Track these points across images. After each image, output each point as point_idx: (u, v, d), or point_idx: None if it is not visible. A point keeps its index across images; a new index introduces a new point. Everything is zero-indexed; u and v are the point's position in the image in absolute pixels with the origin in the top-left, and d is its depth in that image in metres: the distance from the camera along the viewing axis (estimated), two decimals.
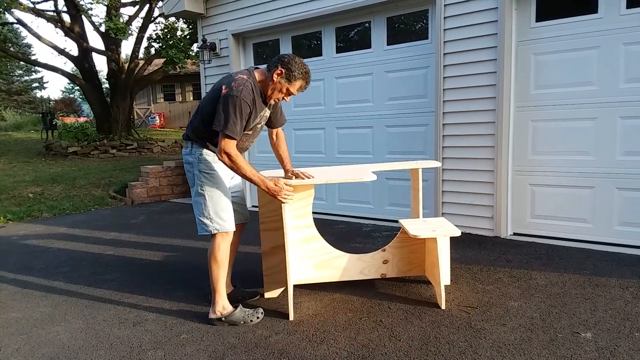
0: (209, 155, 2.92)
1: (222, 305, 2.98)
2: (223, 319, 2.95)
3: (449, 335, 2.71)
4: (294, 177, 3.10)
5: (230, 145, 2.74)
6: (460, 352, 2.51)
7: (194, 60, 12.49)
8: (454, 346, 2.57)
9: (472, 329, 2.77)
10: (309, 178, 3.06)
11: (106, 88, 15.90)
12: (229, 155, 2.74)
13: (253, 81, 2.82)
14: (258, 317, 2.99)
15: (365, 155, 5.86)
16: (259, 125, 3.03)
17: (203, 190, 2.91)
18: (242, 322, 2.95)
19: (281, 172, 3.31)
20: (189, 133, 2.97)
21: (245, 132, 2.91)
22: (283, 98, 2.92)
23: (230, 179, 3.08)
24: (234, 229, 3.00)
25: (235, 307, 3.01)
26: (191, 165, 2.95)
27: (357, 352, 2.56)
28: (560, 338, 2.62)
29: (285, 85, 2.83)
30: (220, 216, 2.91)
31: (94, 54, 13.61)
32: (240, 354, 2.59)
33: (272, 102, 2.95)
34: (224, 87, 2.75)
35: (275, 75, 2.80)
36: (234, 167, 2.78)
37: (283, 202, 2.90)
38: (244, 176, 2.81)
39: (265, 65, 2.94)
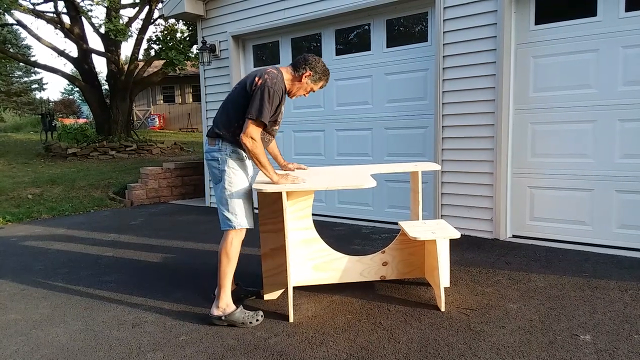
0: (239, 152, 3.06)
1: (226, 302, 3.02)
2: (223, 317, 2.97)
3: (448, 337, 2.71)
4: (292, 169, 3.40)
5: (257, 131, 2.90)
6: (460, 354, 2.51)
7: (193, 62, 12.48)
8: (453, 348, 2.58)
9: (472, 331, 2.78)
10: (304, 169, 3.29)
11: (106, 89, 15.92)
12: (253, 140, 2.89)
13: (282, 77, 3.02)
14: (257, 320, 3.00)
15: (365, 157, 5.86)
16: (280, 120, 3.21)
17: (230, 186, 3.03)
18: (241, 323, 2.96)
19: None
20: (218, 130, 3.05)
21: (274, 127, 3.13)
22: (304, 94, 3.19)
23: (249, 177, 3.19)
24: (252, 226, 3.11)
25: (237, 306, 3.03)
26: (218, 162, 3.05)
27: (356, 354, 2.56)
28: (559, 340, 2.62)
29: (311, 85, 3.12)
30: (242, 213, 3.04)
31: (93, 56, 13.63)
32: (239, 355, 2.59)
33: (293, 97, 3.20)
34: (257, 78, 2.93)
35: (304, 77, 3.07)
36: (254, 150, 2.91)
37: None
38: (259, 162, 2.95)
39: (285, 66, 3.16)
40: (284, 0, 6.13)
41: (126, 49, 73.59)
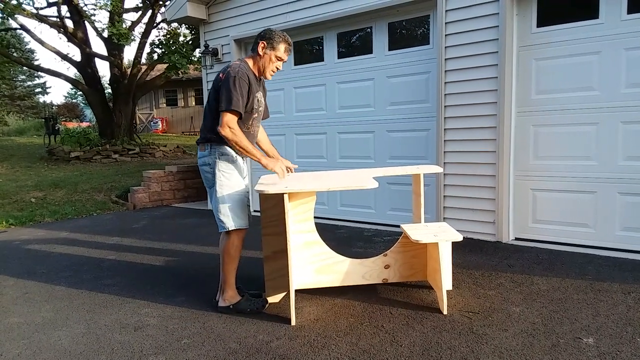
0: (228, 154, 3.12)
1: (231, 294, 3.20)
2: (231, 306, 3.17)
3: (451, 340, 2.70)
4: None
5: (232, 120, 2.97)
6: (462, 357, 2.50)
7: (196, 66, 12.53)
8: (455, 352, 2.57)
9: (474, 334, 2.77)
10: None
11: (109, 93, 15.97)
12: (231, 129, 2.96)
13: (245, 65, 3.11)
14: (263, 306, 3.19)
15: (367, 160, 5.86)
16: (261, 109, 3.25)
17: (222, 189, 3.11)
18: (248, 309, 3.16)
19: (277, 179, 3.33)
20: (205, 135, 3.14)
21: (253, 115, 3.16)
22: (277, 68, 3.18)
23: (243, 178, 3.25)
24: (248, 226, 3.19)
25: (242, 296, 3.22)
26: (210, 166, 3.14)
27: (359, 358, 2.55)
28: (562, 343, 2.61)
29: (272, 53, 3.12)
30: (236, 213, 3.12)
31: (96, 60, 13.68)
32: (242, 359, 2.59)
33: (269, 75, 3.18)
34: (221, 74, 3.05)
35: (260, 49, 3.12)
36: (234, 139, 2.97)
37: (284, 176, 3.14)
38: (243, 149, 3.01)
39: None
40: (286, 4, 6.15)
41: (129, 53, 73.86)
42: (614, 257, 4.10)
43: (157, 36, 19.73)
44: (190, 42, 12.45)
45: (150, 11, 12.93)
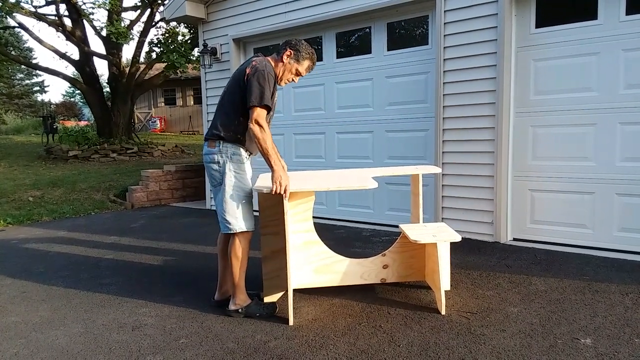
0: (240, 154, 3.03)
1: (242, 298, 3.14)
2: (240, 310, 3.11)
3: (449, 340, 2.70)
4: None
5: (263, 115, 2.87)
6: (460, 358, 2.51)
7: (194, 65, 12.49)
8: (453, 352, 2.57)
9: (472, 334, 2.77)
10: None
11: (107, 92, 15.94)
12: (260, 125, 2.85)
13: (270, 64, 3.04)
14: (274, 309, 3.14)
15: (366, 160, 5.86)
16: (274, 108, 3.17)
17: (232, 189, 3.02)
18: (258, 314, 3.10)
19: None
20: (217, 132, 3.02)
21: (271, 114, 3.08)
22: (292, 79, 3.14)
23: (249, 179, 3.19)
24: (253, 229, 3.12)
25: (252, 299, 3.16)
26: (220, 164, 3.02)
27: (357, 358, 2.55)
28: (560, 344, 2.62)
29: (295, 65, 3.07)
30: (244, 216, 3.05)
31: (95, 58, 13.66)
32: (239, 359, 2.59)
33: (283, 83, 3.15)
34: (247, 69, 2.93)
35: (284, 57, 3.05)
36: (262, 137, 2.85)
37: (279, 191, 2.86)
38: (265, 150, 2.87)
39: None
40: (285, 3, 6.15)
41: (127, 52, 73.74)
42: (611, 258, 4.11)
43: (155, 35, 19.69)
44: (188, 41, 12.43)
45: (148, 10, 12.90)
